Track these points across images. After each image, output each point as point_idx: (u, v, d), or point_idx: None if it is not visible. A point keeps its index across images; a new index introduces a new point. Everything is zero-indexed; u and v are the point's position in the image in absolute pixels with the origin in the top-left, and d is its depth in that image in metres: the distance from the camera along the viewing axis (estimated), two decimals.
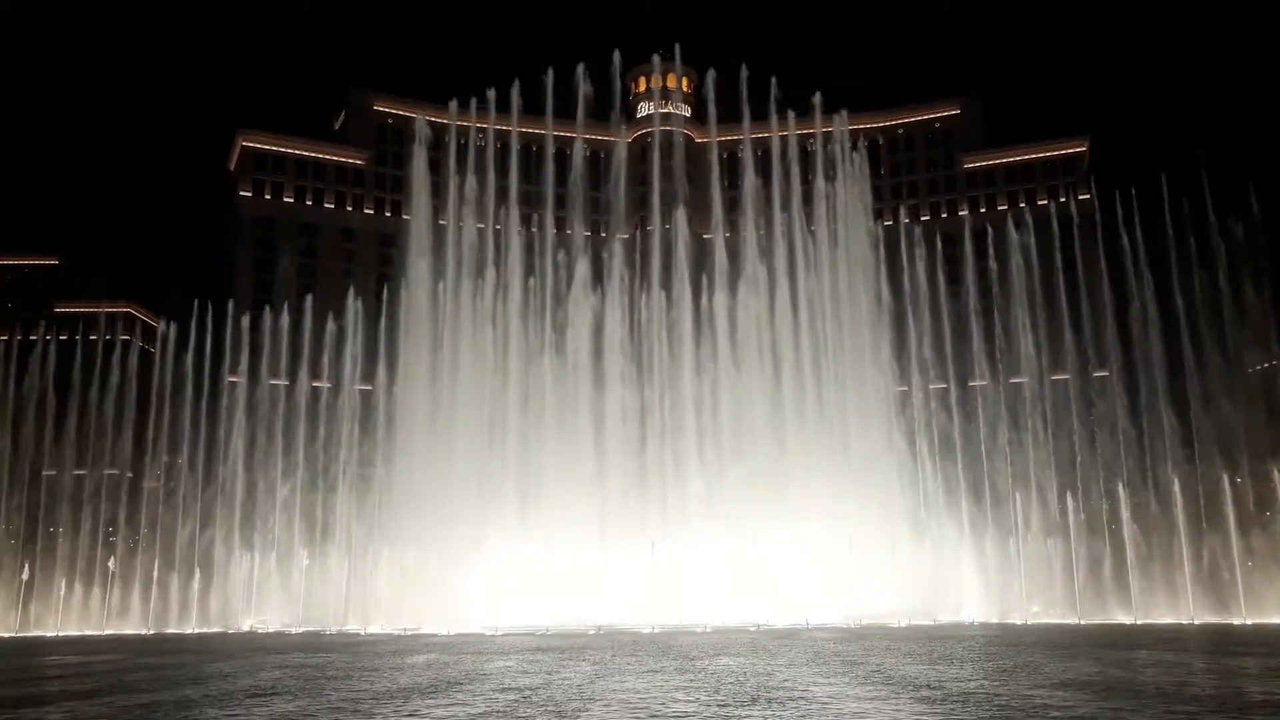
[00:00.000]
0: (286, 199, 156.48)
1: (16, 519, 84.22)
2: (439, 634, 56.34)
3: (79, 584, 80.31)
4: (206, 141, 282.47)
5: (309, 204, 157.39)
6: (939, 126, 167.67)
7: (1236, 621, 62.77)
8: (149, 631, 76.22)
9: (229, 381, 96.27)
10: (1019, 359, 79.53)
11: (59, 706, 19.30)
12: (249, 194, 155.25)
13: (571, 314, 75.27)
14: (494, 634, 54.83)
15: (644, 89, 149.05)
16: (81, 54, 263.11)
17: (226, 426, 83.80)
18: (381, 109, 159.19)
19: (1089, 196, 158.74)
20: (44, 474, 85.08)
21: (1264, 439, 72.09)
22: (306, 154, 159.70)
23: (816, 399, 72.22)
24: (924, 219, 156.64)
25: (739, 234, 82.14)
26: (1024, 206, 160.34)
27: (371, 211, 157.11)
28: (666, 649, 34.59)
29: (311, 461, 78.99)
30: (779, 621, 60.46)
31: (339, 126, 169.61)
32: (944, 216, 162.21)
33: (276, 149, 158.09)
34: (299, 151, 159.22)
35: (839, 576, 64.15)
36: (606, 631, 54.62)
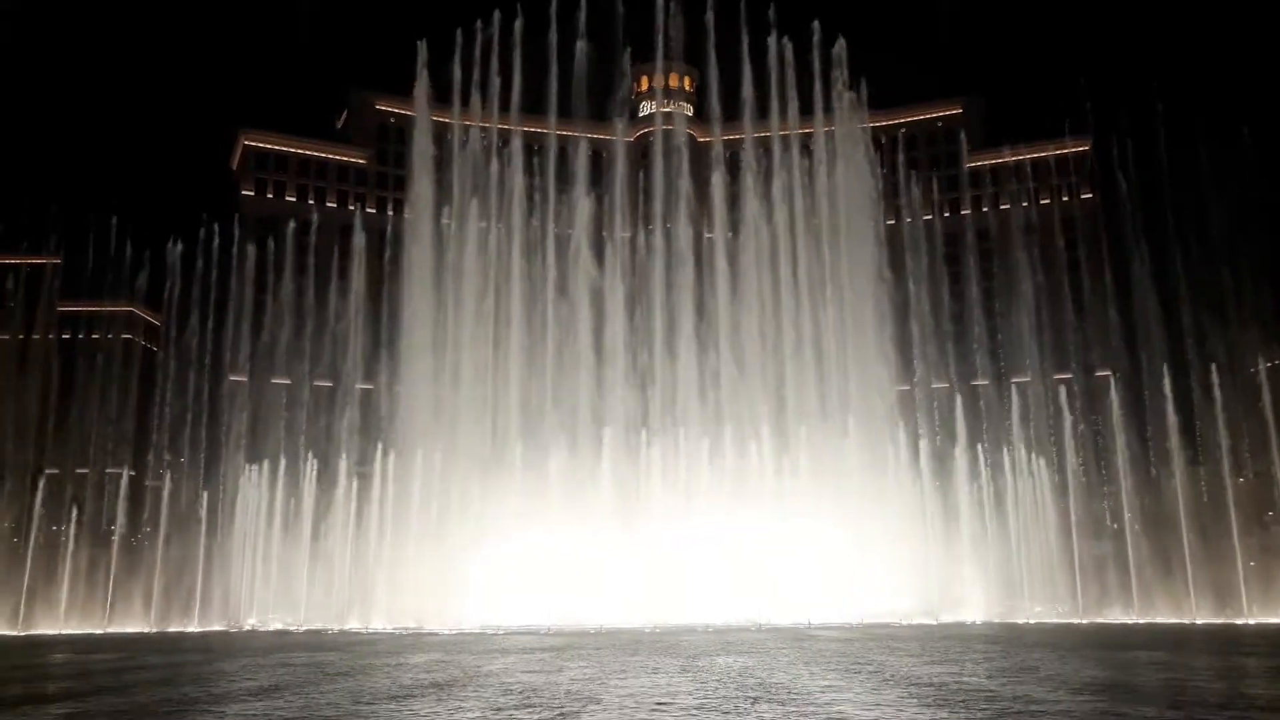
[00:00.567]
0: (288, 198, 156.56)
1: (19, 517, 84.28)
2: (440, 632, 56.34)
3: (81, 582, 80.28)
4: (209, 141, 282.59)
5: (311, 203, 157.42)
6: (941, 125, 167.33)
7: (1239, 621, 62.67)
8: (151, 630, 76.24)
9: (230, 380, 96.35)
10: (1022, 357, 79.30)
11: (62, 705, 19.29)
12: (251, 193, 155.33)
13: (572, 311, 75.38)
14: (495, 633, 54.81)
15: (646, 88, 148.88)
16: (84, 54, 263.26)
17: (227, 424, 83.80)
18: (383, 108, 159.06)
19: (1091, 195, 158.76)
20: (46, 472, 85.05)
21: (1267, 437, 71.85)
22: (308, 153, 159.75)
23: (819, 398, 72.03)
24: (927, 218, 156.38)
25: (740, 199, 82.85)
26: (1027, 205, 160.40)
27: (373, 211, 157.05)
28: (667, 648, 34.54)
29: (312, 459, 78.90)
30: (780, 620, 60.43)
31: (341, 126, 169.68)
32: (946, 216, 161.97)
33: (278, 148, 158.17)
34: (301, 151, 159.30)
35: (841, 576, 64.06)
36: (607, 630, 54.57)
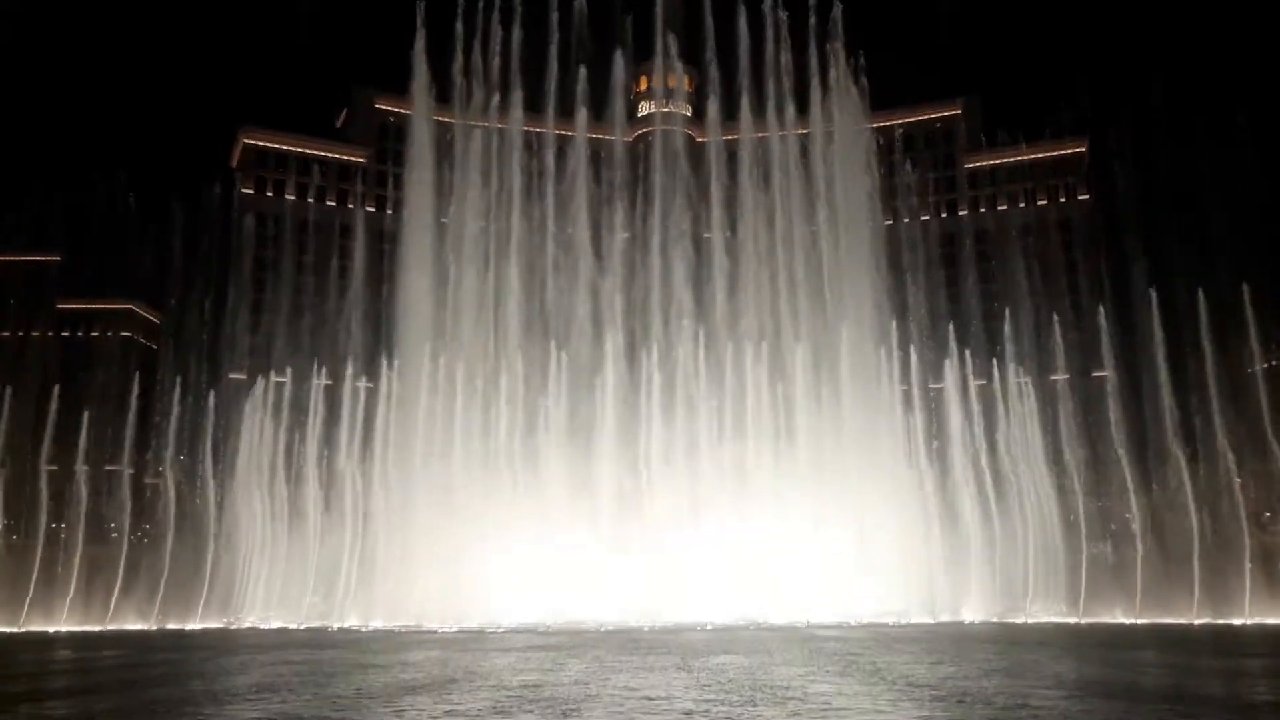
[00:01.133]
0: (288, 196, 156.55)
1: (19, 515, 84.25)
2: (440, 630, 56.43)
3: (82, 580, 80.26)
4: (208, 139, 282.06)
5: (310, 201, 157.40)
6: (939, 126, 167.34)
7: (1238, 621, 62.79)
8: (152, 627, 76.33)
9: (230, 378, 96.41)
10: (1019, 357, 79.34)
11: (64, 702, 19.39)
12: (250, 191, 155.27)
13: (572, 305, 75.53)
14: (495, 631, 54.90)
15: (645, 88, 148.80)
16: (83, 51, 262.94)
17: (228, 422, 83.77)
18: (383, 107, 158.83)
19: (1088, 197, 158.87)
20: (46, 470, 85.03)
21: (1264, 438, 71.92)
22: (308, 151, 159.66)
23: (816, 398, 71.99)
24: (924, 219, 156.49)
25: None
26: (1024, 206, 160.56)
27: (373, 209, 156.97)
28: (666, 647, 34.62)
29: (312, 456, 78.88)
30: (778, 619, 60.45)
31: (341, 124, 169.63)
32: (944, 216, 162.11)
33: (278, 146, 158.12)
34: (300, 149, 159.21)
35: (839, 575, 64.11)
36: (606, 629, 54.66)
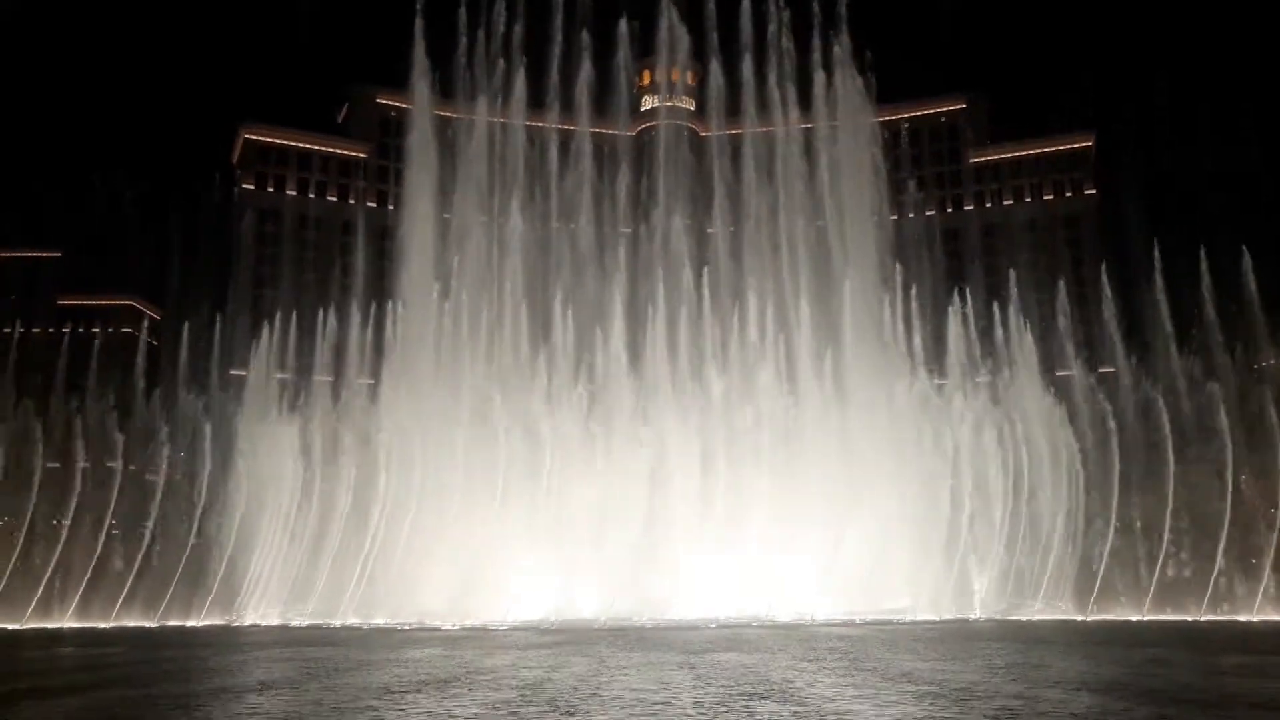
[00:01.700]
0: (289, 191, 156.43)
1: (21, 512, 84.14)
2: (443, 628, 56.30)
3: (84, 577, 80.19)
4: (209, 135, 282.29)
5: (311, 197, 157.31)
6: (945, 121, 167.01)
7: (1243, 618, 62.58)
8: (154, 624, 76.30)
9: (231, 374, 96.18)
10: (1026, 354, 78.91)
11: (65, 700, 19.17)
12: (251, 187, 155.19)
13: (571, 303, 75.54)
14: (498, 628, 54.75)
15: (648, 82, 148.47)
16: (84, 48, 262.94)
17: (228, 419, 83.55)
18: (384, 102, 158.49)
19: (1094, 191, 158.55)
20: (47, 466, 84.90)
21: (1271, 434, 71.53)
22: (308, 147, 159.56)
23: (821, 397, 71.70)
24: (930, 213, 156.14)
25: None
26: (1030, 201, 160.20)
27: (373, 204, 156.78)
28: (669, 644, 34.46)
29: (312, 454, 78.69)
30: (783, 616, 60.41)
31: (341, 120, 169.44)
32: (950, 211, 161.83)
33: (278, 142, 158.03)
34: (301, 144, 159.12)
35: (844, 571, 63.87)
36: (609, 626, 54.51)
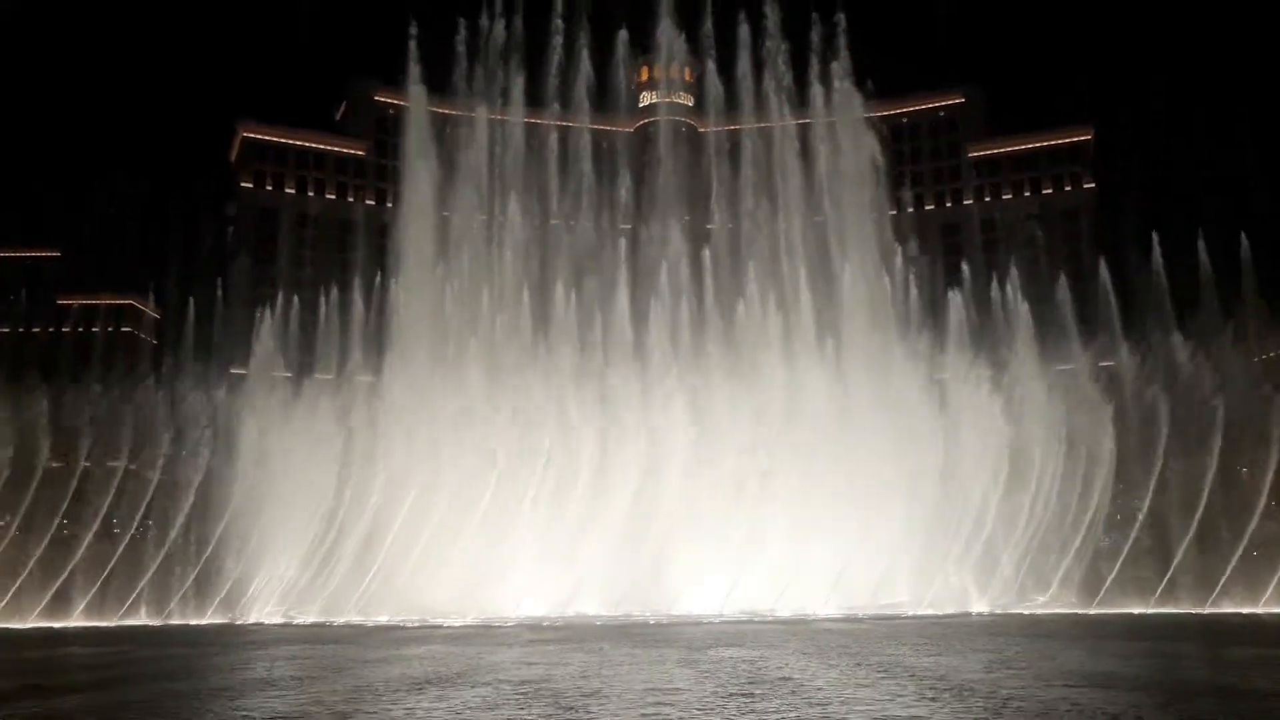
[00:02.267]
0: (287, 190, 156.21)
1: (22, 511, 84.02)
2: (444, 625, 56.29)
3: (86, 576, 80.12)
4: (207, 133, 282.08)
5: (310, 195, 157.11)
6: (943, 115, 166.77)
7: (1246, 610, 62.49)
8: (157, 623, 76.29)
9: (231, 373, 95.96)
10: (1025, 348, 78.82)
11: (68, 698, 19.08)
12: (250, 185, 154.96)
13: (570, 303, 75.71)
14: (501, 625, 54.73)
15: (647, 78, 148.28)
16: (82, 47, 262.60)
17: (228, 417, 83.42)
18: (382, 99, 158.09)
19: (1093, 185, 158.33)
20: (47, 466, 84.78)
21: (1268, 427, 71.42)
22: (307, 145, 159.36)
23: (822, 390, 71.55)
24: (928, 208, 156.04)
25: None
26: (1028, 195, 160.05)
27: (372, 202, 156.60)
28: (671, 640, 34.48)
29: (313, 451, 78.62)
30: (785, 611, 60.39)
31: (340, 117, 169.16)
32: (948, 205, 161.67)
33: (277, 140, 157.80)
34: (299, 143, 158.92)
35: (847, 566, 63.77)
36: (611, 622, 54.48)
